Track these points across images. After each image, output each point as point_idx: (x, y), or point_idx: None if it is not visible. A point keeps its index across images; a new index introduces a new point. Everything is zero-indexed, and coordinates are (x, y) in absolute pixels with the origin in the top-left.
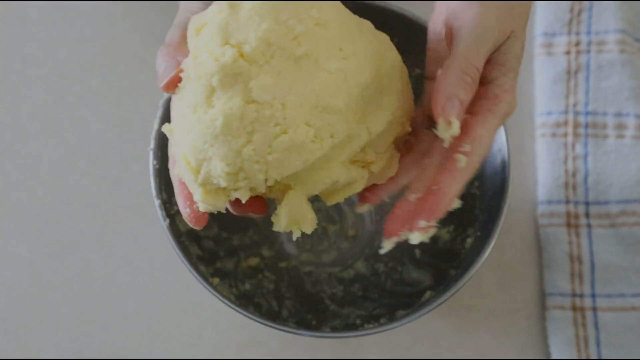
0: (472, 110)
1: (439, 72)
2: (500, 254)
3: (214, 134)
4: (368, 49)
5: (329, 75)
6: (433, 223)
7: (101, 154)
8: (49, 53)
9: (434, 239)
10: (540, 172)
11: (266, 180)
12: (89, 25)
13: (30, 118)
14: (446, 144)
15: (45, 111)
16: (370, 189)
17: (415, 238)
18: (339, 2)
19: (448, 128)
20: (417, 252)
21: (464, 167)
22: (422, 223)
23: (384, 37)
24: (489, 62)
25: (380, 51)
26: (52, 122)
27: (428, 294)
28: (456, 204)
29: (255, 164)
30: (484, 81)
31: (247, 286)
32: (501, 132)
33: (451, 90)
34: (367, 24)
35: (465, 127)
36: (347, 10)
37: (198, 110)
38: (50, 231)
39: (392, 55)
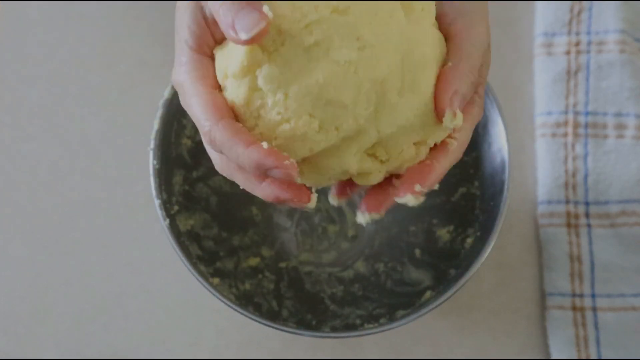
0: None
1: (446, 67)
2: (500, 254)
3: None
4: (393, 39)
5: (336, 67)
6: (423, 190)
7: (101, 154)
8: (49, 53)
9: (434, 239)
10: (540, 172)
11: None
12: (89, 25)
13: (30, 118)
14: (449, 131)
15: (45, 111)
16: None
17: (409, 200)
18: None
19: (454, 119)
20: (417, 252)
21: (454, 148)
22: (417, 187)
23: (432, 31)
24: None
25: (410, 42)
26: (52, 122)
27: (428, 294)
28: (436, 187)
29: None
30: None
31: (247, 286)
32: (501, 132)
33: (457, 86)
34: (418, 7)
35: None
36: None
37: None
38: (50, 231)
39: (423, 50)
